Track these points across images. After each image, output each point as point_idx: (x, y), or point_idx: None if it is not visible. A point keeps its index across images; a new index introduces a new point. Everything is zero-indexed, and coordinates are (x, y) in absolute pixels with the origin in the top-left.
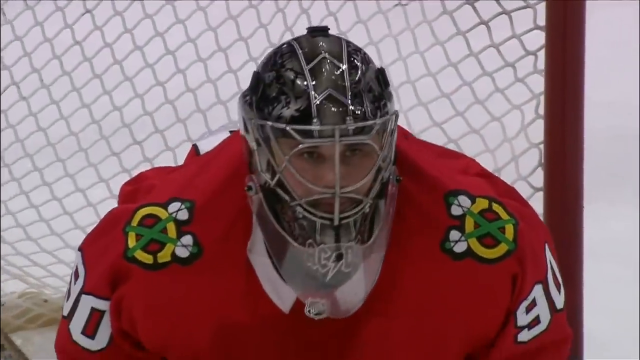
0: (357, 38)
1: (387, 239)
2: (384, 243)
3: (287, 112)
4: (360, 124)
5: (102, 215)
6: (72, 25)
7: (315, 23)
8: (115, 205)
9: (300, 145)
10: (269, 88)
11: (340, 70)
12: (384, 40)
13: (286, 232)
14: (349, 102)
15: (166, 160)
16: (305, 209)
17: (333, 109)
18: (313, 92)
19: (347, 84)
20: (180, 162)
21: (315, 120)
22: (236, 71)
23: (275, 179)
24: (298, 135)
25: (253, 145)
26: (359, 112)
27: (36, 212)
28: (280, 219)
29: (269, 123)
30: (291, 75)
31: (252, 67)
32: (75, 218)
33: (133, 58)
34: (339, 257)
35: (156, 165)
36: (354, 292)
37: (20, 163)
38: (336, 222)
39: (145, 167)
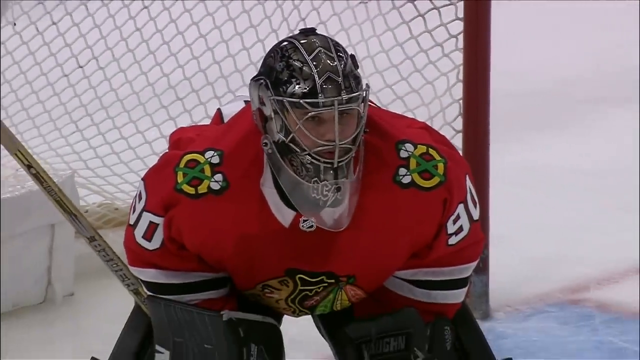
0: (333, 26)
1: (361, 175)
2: (360, 178)
3: (299, 90)
4: (350, 96)
5: (155, 150)
6: (135, 17)
7: (303, 14)
8: (165, 145)
9: (310, 113)
10: (281, 74)
11: (333, 59)
12: (352, 27)
13: (295, 174)
14: (342, 81)
15: (199, 112)
16: (312, 157)
17: (331, 87)
18: (317, 76)
19: (339, 69)
20: (210, 113)
21: (320, 95)
22: (249, 49)
23: (290, 137)
24: (308, 106)
25: (270, 114)
26: (348, 88)
27: (110, 147)
28: (290, 164)
29: (286, 98)
30: (298, 64)
31: (260, 47)
32: (137, 151)
33: (177, 40)
34: (338, 189)
35: (193, 114)
36: (344, 212)
37: (99, 113)
38: (335, 165)
39: (184, 116)
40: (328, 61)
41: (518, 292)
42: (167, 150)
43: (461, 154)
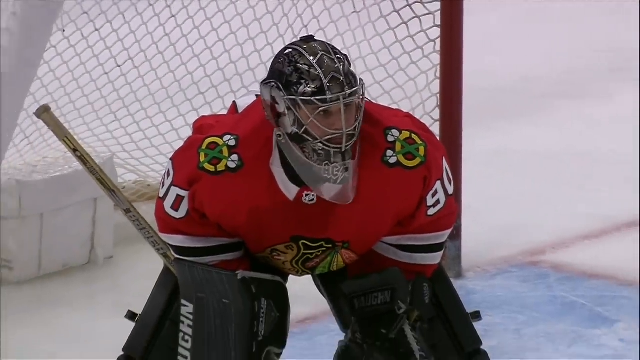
0: (330, 31)
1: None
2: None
3: (309, 90)
4: (352, 90)
5: (181, 136)
6: (164, 24)
7: (305, 22)
8: (189, 132)
9: (321, 108)
10: (291, 76)
11: (334, 60)
12: (346, 33)
13: (307, 159)
14: (343, 79)
15: (217, 104)
16: (324, 144)
17: (336, 84)
18: (323, 76)
19: (340, 68)
20: (227, 104)
21: (327, 92)
22: (260, 51)
23: (303, 128)
24: (319, 102)
25: (283, 111)
26: (349, 84)
27: (143, 134)
28: (302, 151)
29: (299, 97)
30: (305, 67)
31: (269, 49)
32: (166, 137)
33: (199, 43)
34: (346, 169)
35: (212, 106)
36: (350, 188)
37: (134, 105)
38: (343, 149)
39: (205, 108)
40: (330, 63)
41: (486, 255)
42: (192, 135)
43: (438, 139)
